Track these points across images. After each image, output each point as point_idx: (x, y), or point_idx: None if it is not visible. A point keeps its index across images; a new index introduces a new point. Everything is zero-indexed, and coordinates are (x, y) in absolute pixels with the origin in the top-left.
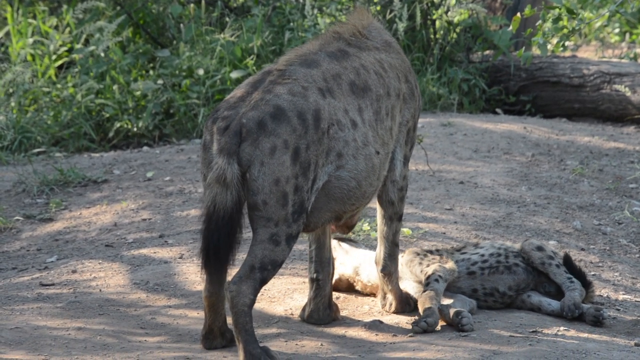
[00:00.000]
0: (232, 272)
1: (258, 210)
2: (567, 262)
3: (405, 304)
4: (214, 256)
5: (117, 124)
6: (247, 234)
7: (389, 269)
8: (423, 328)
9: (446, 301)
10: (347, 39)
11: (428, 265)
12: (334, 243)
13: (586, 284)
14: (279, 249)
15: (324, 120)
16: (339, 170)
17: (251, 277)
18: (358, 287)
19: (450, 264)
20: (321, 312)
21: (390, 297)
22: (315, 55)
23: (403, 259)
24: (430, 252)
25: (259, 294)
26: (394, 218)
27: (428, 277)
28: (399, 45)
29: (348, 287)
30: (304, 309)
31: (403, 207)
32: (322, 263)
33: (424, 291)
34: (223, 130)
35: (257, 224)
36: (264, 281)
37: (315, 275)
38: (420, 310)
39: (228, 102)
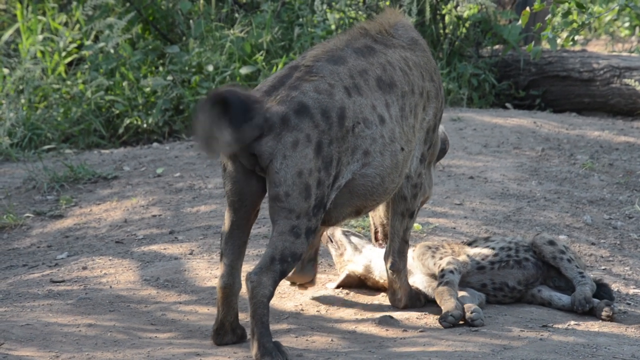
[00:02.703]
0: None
1: (280, 201)
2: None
3: (416, 299)
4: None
5: (127, 121)
6: (254, 230)
7: (397, 266)
8: (451, 322)
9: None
10: (373, 35)
11: (441, 258)
12: (342, 238)
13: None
14: (299, 241)
15: (349, 118)
16: (365, 167)
17: (271, 269)
18: (369, 284)
19: (462, 257)
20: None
21: (399, 293)
22: (342, 51)
23: (414, 252)
24: (442, 245)
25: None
26: (405, 214)
27: (442, 270)
28: (427, 45)
29: (359, 284)
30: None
31: (416, 204)
32: None
33: (440, 283)
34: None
35: (279, 215)
36: (283, 273)
37: None
38: (439, 302)
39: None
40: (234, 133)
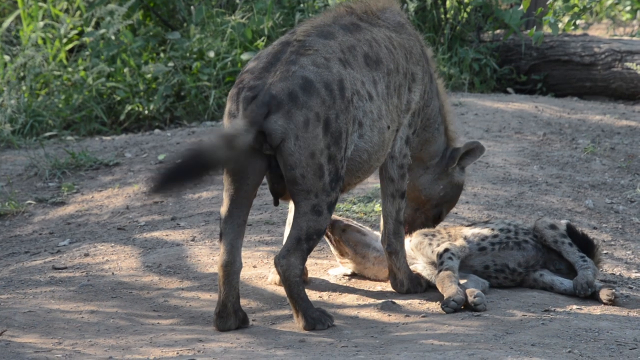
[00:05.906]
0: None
1: (297, 184)
2: (570, 230)
3: (417, 283)
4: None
5: (128, 107)
6: (256, 216)
7: (394, 247)
8: (454, 307)
9: (459, 281)
10: (359, 14)
11: (439, 245)
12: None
13: (591, 247)
14: (322, 218)
15: (348, 89)
16: (359, 139)
17: (298, 249)
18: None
19: (459, 241)
20: None
21: (400, 276)
22: (330, 27)
23: (412, 242)
24: (438, 231)
25: (269, 278)
26: (395, 195)
27: (441, 256)
28: (415, 31)
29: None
30: None
31: (404, 184)
32: None
33: (440, 270)
34: (250, 100)
35: (298, 197)
36: (310, 250)
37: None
38: (440, 289)
39: (252, 72)
40: (245, 118)
